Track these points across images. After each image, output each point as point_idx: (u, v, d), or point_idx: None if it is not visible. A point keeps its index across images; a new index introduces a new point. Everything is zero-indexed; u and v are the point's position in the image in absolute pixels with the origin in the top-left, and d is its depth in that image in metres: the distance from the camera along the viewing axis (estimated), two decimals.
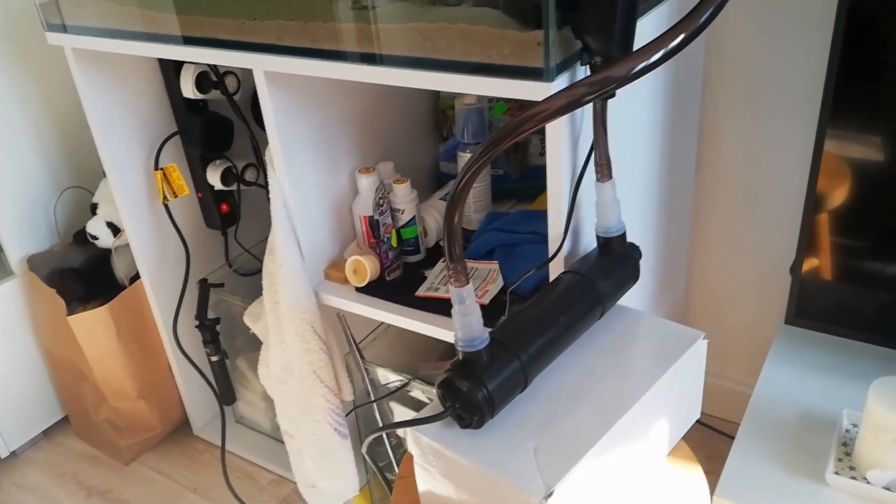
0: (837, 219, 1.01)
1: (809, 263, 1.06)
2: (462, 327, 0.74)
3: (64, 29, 1.25)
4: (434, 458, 0.77)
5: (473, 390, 0.73)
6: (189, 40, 1.09)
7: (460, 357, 0.76)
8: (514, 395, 0.78)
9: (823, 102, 0.95)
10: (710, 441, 1.47)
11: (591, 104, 0.85)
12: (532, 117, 0.71)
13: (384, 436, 1.26)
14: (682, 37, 0.66)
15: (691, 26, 0.66)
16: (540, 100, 0.71)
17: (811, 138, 0.98)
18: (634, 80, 0.69)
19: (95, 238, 1.52)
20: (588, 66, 0.82)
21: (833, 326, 1.08)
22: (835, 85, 0.93)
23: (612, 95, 0.81)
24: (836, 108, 0.94)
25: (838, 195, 1.00)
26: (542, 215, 0.94)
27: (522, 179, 1.32)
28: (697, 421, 0.92)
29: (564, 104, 0.70)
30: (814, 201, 1.01)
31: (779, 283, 1.38)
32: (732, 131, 1.29)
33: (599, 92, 0.70)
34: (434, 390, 0.78)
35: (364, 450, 1.00)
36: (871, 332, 1.05)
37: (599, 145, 0.85)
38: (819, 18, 1.13)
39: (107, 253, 1.56)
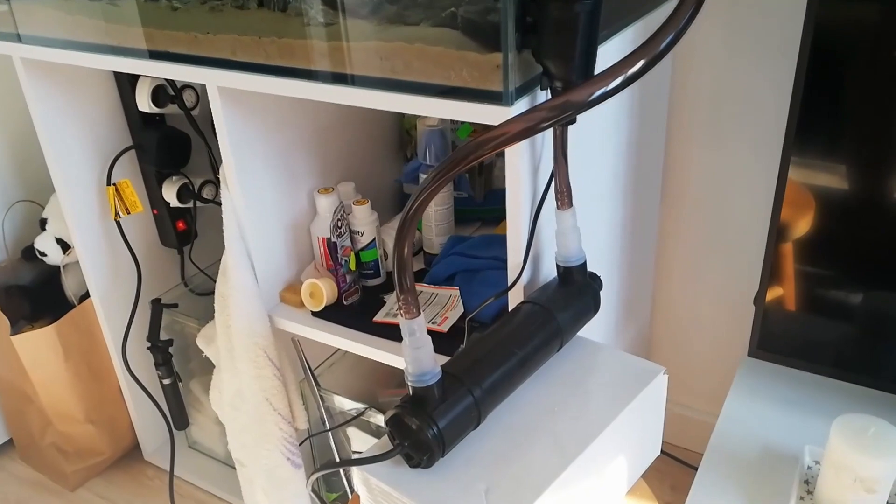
0: (801, 249, 1.00)
1: (773, 295, 1.04)
2: (412, 361, 0.71)
3: (18, 38, 1.20)
4: (382, 499, 0.74)
5: (423, 428, 0.70)
6: (142, 53, 1.05)
7: (410, 392, 0.72)
8: (467, 433, 0.74)
9: (787, 131, 0.93)
10: (674, 472, 1.45)
11: (551, 130, 0.83)
12: (489, 141, 0.69)
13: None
14: (641, 63, 0.63)
15: (651, 52, 0.63)
16: (498, 124, 0.68)
17: (776, 168, 0.96)
18: (594, 106, 0.66)
19: (44, 254, 1.47)
20: (548, 91, 0.79)
21: (797, 360, 1.06)
22: (799, 113, 0.92)
23: (573, 122, 0.79)
24: (800, 136, 0.93)
25: (802, 226, 0.99)
26: (505, 240, 0.91)
27: (486, 203, 1.29)
28: (662, 451, 0.89)
29: (523, 129, 0.68)
30: (777, 231, 0.99)
31: (744, 314, 1.36)
32: (697, 161, 1.28)
33: (559, 117, 0.67)
34: None
35: (309, 488, 0.95)
36: (835, 366, 1.03)
37: (560, 173, 0.82)
38: (784, 47, 1.12)
39: (56, 270, 1.50)
